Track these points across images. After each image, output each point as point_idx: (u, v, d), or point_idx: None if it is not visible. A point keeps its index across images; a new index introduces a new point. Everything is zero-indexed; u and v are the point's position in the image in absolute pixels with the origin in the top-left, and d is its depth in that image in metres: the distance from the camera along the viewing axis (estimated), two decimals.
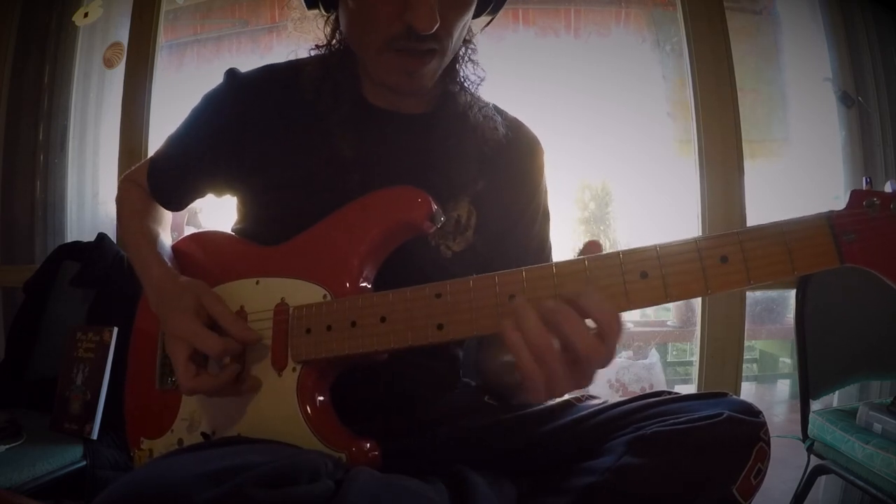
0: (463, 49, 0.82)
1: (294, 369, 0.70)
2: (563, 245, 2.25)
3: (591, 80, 2.20)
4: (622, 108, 2.17)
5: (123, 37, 2.00)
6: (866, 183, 0.59)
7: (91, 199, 2.12)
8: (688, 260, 0.56)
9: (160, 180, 0.91)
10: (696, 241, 0.57)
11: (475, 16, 0.78)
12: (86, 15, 2.06)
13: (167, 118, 1.94)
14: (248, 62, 0.88)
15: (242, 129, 0.82)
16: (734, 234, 0.56)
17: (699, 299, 1.80)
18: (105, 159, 2.12)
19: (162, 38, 2.01)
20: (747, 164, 1.79)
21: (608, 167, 2.30)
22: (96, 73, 2.13)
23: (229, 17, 2.32)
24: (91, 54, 2.12)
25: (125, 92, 1.96)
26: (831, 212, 0.55)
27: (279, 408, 0.70)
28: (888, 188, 0.55)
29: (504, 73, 2.01)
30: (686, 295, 0.57)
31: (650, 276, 0.57)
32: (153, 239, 0.86)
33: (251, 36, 2.29)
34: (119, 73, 2.00)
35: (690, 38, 1.82)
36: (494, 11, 0.81)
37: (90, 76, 2.13)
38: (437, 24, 0.67)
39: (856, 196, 0.55)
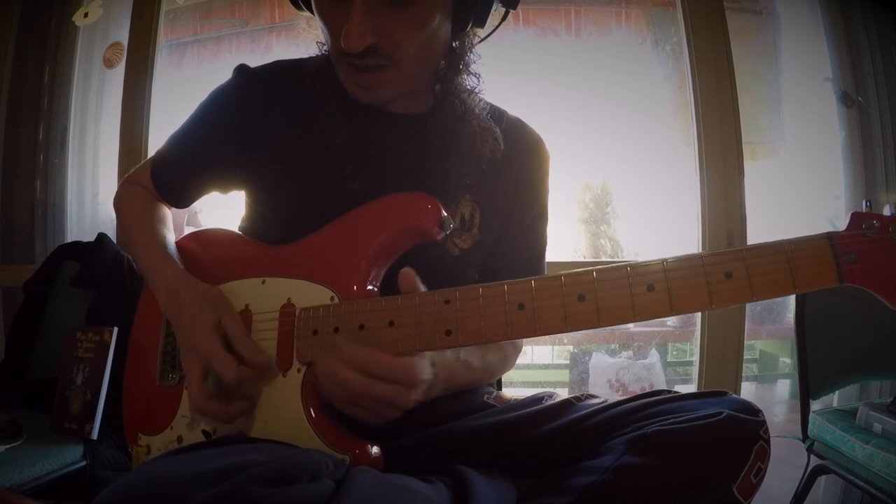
0: (456, 60, 0.82)
1: (299, 370, 0.71)
2: (564, 245, 2.26)
3: (591, 80, 2.20)
4: (622, 109, 2.17)
5: (123, 37, 2.00)
6: (866, 206, 0.62)
7: (91, 199, 2.12)
8: (693, 275, 0.58)
9: (167, 177, 0.91)
10: (701, 256, 0.59)
11: (460, 28, 0.78)
12: (86, 15, 2.06)
13: (167, 118, 1.94)
14: (248, 62, 0.89)
15: (252, 124, 0.84)
16: (738, 252, 0.58)
17: None
18: (105, 159, 2.12)
19: (162, 38, 2.01)
20: (747, 164, 1.79)
21: (608, 167, 2.30)
22: (96, 73, 2.13)
23: (229, 17, 2.32)
24: (91, 54, 2.13)
25: (125, 92, 1.96)
26: (832, 232, 0.57)
27: (283, 409, 0.70)
28: (887, 211, 0.57)
29: (504, 73, 2.02)
30: (691, 309, 0.59)
31: (656, 289, 0.59)
32: (162, 239, 0.86)
33: (251, 36, 2.29)
34: (119, 73, 2.00)
35: (690, 38, 1.82)
36: (479, 24, 0.79)
37: (90, 76, 2.13)
38: (367, 43, 0.70)
39: (856, 218, 0.57)
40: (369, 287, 0.72)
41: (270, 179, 0.84)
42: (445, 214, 0.72)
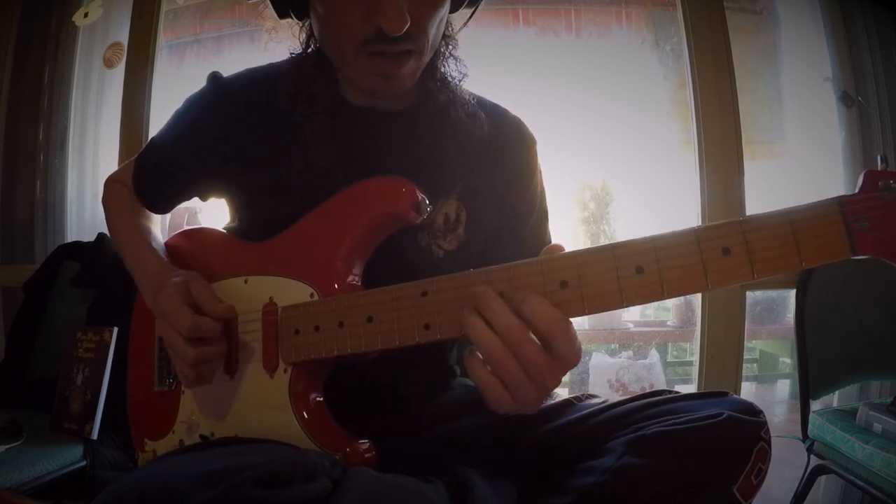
0: (443, 45, 0.80)
1: (285, 370, 0.70)
2: (564, 245, 2.26)
3: (591, 80, 2.20)
4: (622, 108, 2.17)
5: (123, 37, 2.00)
6: (881, 162, 0.53)
7: (91, 199, 2.12)
8: (687, 253, 0.52)
9: (144, 183, 0.91)
10: (695, 231, 0.52)
11: (453, 9, 0.76)
12: (86, 15, 2.06)
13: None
14: (247, 62, 0.88)
15: (224, 136, 0.82)
16: (737, 224, 0.51)
17: (699, 298, 1.80)
18: (105, 159, 2.12)
19: (162, 38, 2.01)
20: (747, 164, 1.78)
21: (608, 167, 2.30)
22: (96, 73, 2.13)
23: (229, 17, 2.32)
24: (91, 54, 2.12)
25: (125, 92, 1.95)
26: (842, 196, 0.49)
27: (273, 410, 0.70)
28: None
29: (504, 73, 2.02)
30: (685, 291, 0.53)
31: (646, 270, 0.53)
32: (146, 235, 0.86)
33: (251, 36, 2.29)
34: (119, 73, 2.00)
35: (690, 38, 1.82)
36: (473, 3, 0.78)
37: (90, 76, 2.13)
38: (408, 25, 0.65)
39: (870, 177, 0.49)
40: (350, 281, 0.70)
41: (247, 194, 0.83)
42: (421, 197, 0.69)
